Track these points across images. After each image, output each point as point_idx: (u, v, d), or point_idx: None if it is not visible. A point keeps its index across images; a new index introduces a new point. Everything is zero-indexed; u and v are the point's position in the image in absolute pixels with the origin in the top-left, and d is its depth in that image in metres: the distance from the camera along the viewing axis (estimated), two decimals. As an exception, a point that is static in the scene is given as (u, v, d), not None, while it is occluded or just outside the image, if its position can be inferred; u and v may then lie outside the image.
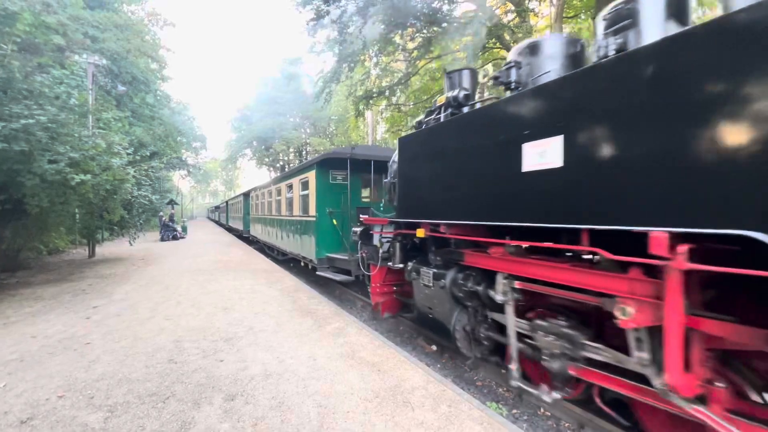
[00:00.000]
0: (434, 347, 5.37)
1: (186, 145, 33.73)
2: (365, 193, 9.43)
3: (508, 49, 13.49)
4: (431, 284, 4.44)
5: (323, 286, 9.67)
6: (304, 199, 9.42)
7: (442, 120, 4.41)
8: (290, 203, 10.96)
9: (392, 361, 4.09)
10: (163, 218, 21.84)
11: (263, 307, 6.38)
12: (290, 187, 10.99)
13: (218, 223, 45.50)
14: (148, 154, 17.04)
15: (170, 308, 6.31)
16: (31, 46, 8.22)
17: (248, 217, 20.65)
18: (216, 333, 5.02)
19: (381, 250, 5.43)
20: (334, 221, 8.50)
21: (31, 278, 9.15)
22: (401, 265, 5.13)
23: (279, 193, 12.49)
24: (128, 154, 10.11)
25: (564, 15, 14.37)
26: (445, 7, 12.86)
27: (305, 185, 9.38)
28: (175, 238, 21.43)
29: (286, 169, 40.95)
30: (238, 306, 6.44)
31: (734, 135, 1.84)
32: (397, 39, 15.14)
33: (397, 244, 5.17)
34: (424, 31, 13.94)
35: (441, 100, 4.61)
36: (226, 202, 37.08)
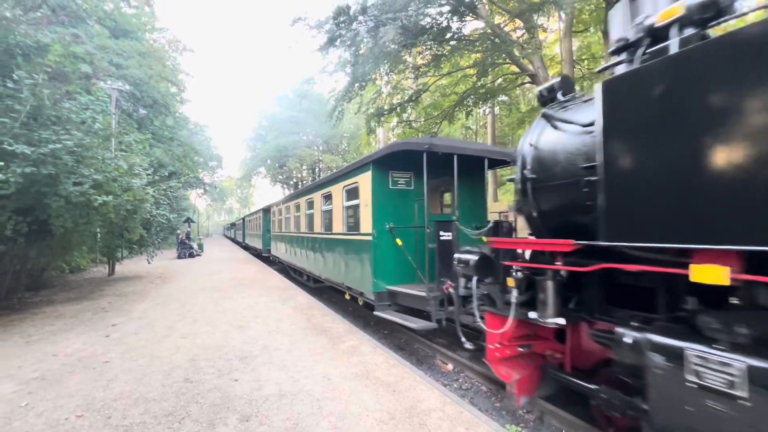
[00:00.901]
0: (450, 366, 5.25)
1: (203, 164, 34.69)
2: (437, 201, 7.93)
3: (518, 65, 13.61)
4: (736, 392, 2.01)
5: (336, 303, 9.64)
6: (352, 211, 7.56)
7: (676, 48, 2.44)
8: (328, 218, 8.72)
9: (407, 380, 4.01)
10: (180, 236, 22.29)
11: (277, 325, 6.38)
12: (327, 197, 8.80)
13: (234, 240, 44.87)
14: (167, 174, 17.60)
15: (186, 326, 6.37)
16: (60, 74, 8.69)
17: (268, 235, 19.03)
18: (231, 351, 5.03)
19: (513, 292, 3.47)
20: (399, 241, 6.20)
21: (54, 296, 9.40)
22: (558, 321, 3.18)
23: (311, 206, 10.22)
24: (148, 174, 10.44)
25: (573, 29, 14.46)
26: (455, 25, 13.11)
27: (353, 193, 7.19)
28: (191, 255, 21.79)
29: (300, 186, 41.38)
30: (252, 324, 6.46)
31: None
32: (408, 58, 15.45)
33: (550, 284, 3.20)
34: (433, 48, 14.19)
35: (666, 15, 2.58)
36: (243, 218, 35.04)
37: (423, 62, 15.32)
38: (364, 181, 6.58)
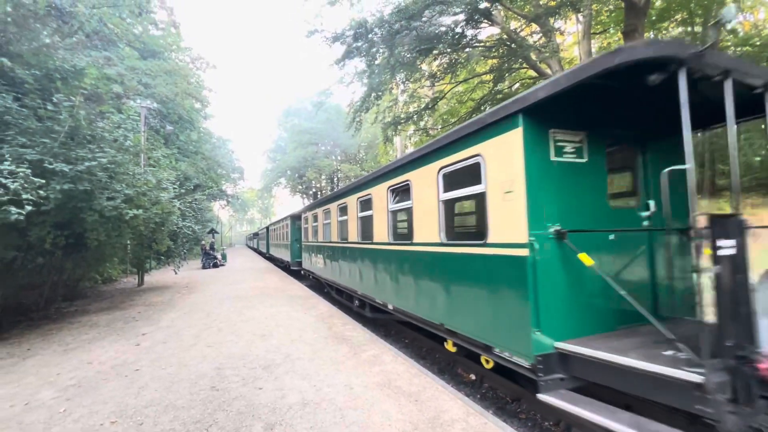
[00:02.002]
0: (473, 376, 5.17)
1: (225, 176, 35.74)
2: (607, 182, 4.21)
3: (535, 69, 13.49)
4: None
5: (357, 312, 9.67)
6: (465, 207, 5.77)
7: None
8: (408, 220, 5.79)
9: (430, 390, 3.98)
10: (205, 247, 22.94)
11: (299, 334, 6.46)
12: (400, 191, 6.06)
13: (257, 251, 44.12)
14: (192, 186, 18.26)
15: (212, 335, 6.53)
16: (94, 95, 9.21)
17: (298, 246, 17.02)
18: (255, 360, 5.12)
19: None
20: (584, 257, 3.24)
21: (88, 306, 9.83)
22: None
23: (366, 206, 7.42)
24: (174, 188, 10.86)
25: (592, 31, 14.23)
26: (470, 32, 13.14)
27: (467, 176, 4.34)
28: (215, 265, 22.36)
29: (319, 196, 41.61)
30: (275, 333, 6.56)
31: None
32: (424, 66, 15.56)
33: None
34: (449, 55, 14.23)
35: None
36: (267, 227, 32.27)
37: (439, 69, 15.38)
38: (503, 149, 3.68)
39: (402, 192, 6.05)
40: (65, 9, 9.52)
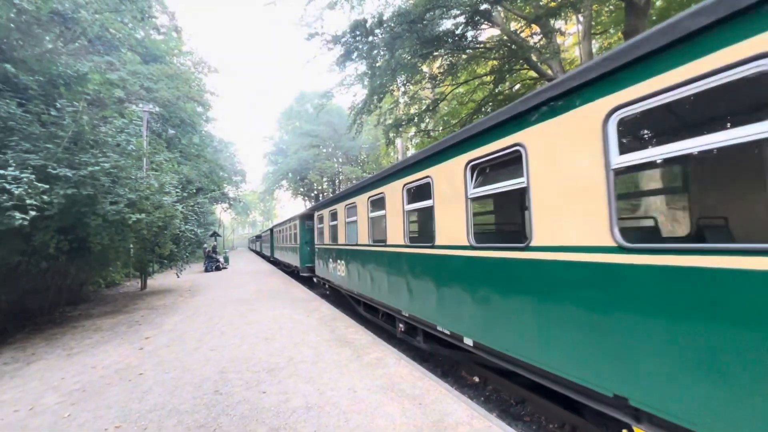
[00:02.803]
0: (476, 379, 5.15)
1: (227, 179, 35.87)
2: None
3: (536, 70, 13.49)
4: None
5: (360, 314, 9.66)
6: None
7: None
8: (520, 208, 5.26)
9: (433, 393, 3.97)
10: (207, 249, 22.99)
11: (302, 337, 6.46)
12: (486, 167, 4.01)
13: (260, 254, 42.14)
14: (194, 190, 18.32)
15: (215, 339, 6.54)
16: (97, 100, 9.27)
17: (308, 249, 15.33)
18: (258, 364, 5.12)
19: None
20: None
21: (91, 310, 9.86)
22: None
23: (423, 194, 5.11)
24: (176, 192, 10.90)
25: (592, 32, 14.22)
26: (470, 33, 13.16)
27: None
28: (218, 268, 22.40)
29: (321, 199, 41.34)
30: (278, 336, 6.56)
31: None
32: (424, 68, 15.59)
33: None
34: (449, 57, 14.26)
35: None
36: (271, 229, 29.58)
37: (439, 71, 15.40)
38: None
39: (498, 167, 3.98)
40: (68, 15, 9.59)
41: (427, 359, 6.18)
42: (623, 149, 2.52)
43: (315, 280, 12.88)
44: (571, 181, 2.89)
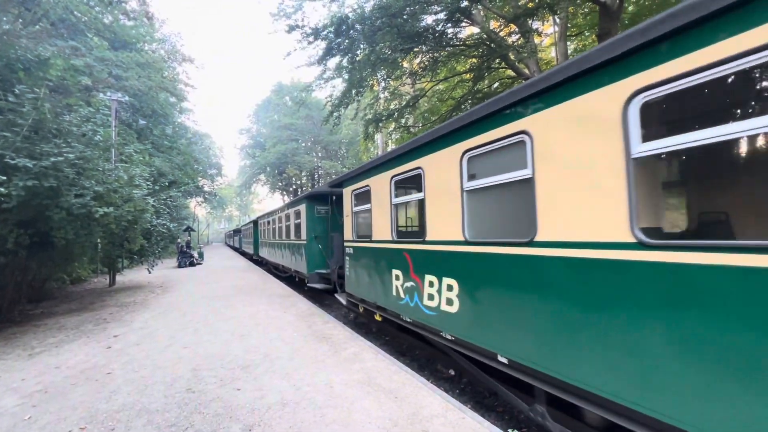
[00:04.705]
0: (452, 372, 5.26)
1: (202, 172, 34.83)
2: None
3: (513, 69, 13.74)
4: None
5: (337, 310, 9.64)
6: None
7: None
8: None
9: (409, 387, 4.02)
10: (181, 245, 22.32)
11: (279, 332, 6.39)
12: None
13: (238, 250, 39.00)
14: (167, 183, 17.69)
15: (188, 336, 6.38)
16: (61, 87, 8.77)
17: (317, 247, 10.74)
18: (233, 361, 5.04)
19: None
20: None
21: (55, 308, 9.40)
22: None
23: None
24: (147, 185, 10.50)
25: (567, 33, 14.59)
26: (450, 30, 13.24)
27: None
28: (192, 264, 21.79)
29: (300, 193, 40.55)
30: (254, 332, 6.47)
31: None
32: (405, 63, 15.57)
33: None
34: (430, 54, 14.31)
35: None
36: (254, 222, 25.09)
37: (420, 68, 15.43)
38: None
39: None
40: (27, -6, 9.02)
41: (405, 353, 6.25)
42: (646, 137, 2.29)
43: (344, 300, 7.66)
44: (585, 172, 2.62)
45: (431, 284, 4.40)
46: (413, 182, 5.10)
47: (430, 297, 4.40)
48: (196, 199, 41.96)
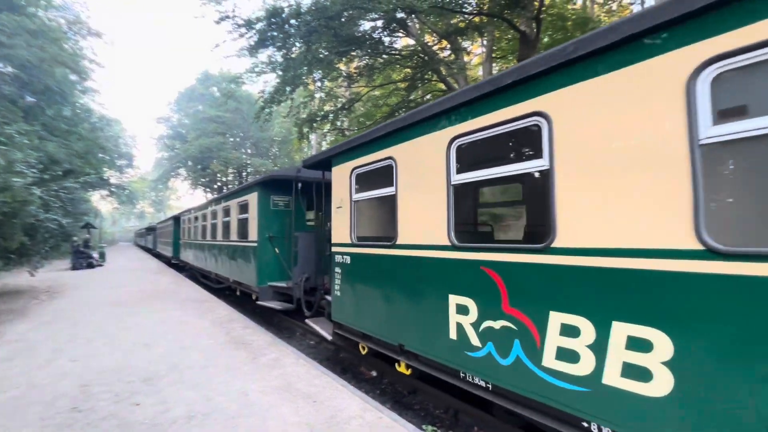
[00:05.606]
0: (374, 373, 5.32)
1: (109, 162, 30.78)
2: None
3: (444, 83, 14.52)
4: None
5: (260, 315, 9.20)
6: None
7: None
8: None
9: (329, 390, 3.98)
10: (77, 243, 19.44)
11: (192, 340, 5.89)
12: None
13: (152, 251, 33.96)
14: (61, 172, 15.31)
15: (78, 347, 5.56)
16: None
17: (272, 253, 8.26)
18: (133, 373, 4.51)
19: None
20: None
21: None
22: None
23: None
24: (34, 172, 8.98)
25: (493, 55, 15.87)
26: (387, 39, 13.55)
27: None
28: (90, 266, 19.14)
29: (225, 191, 38.17)
30: (162, 341, 5.87)
31: None
32: (341, 66, 15.54)
33: None
34: (366, 59, 14.49)
35: None
36: (176, 218, 20.60)
37: (356, 72, 15.52)
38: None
39: None
40: None
41: (329, 357, 6.17)
42: (718, 118, 1.84)
43: (327, 332, 5.49)
44: (625, 163, 2.11)
45: (571, 332, 2.38)
46: (506, 146, 3.42)
47: (565, 354, 2.41)
48: (100, 192, 36.86)
